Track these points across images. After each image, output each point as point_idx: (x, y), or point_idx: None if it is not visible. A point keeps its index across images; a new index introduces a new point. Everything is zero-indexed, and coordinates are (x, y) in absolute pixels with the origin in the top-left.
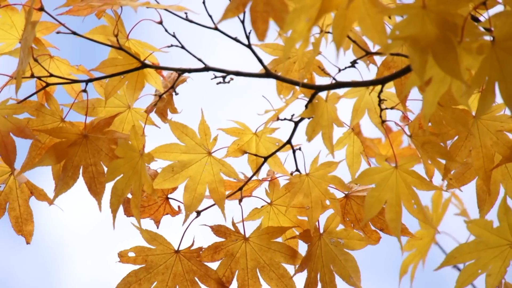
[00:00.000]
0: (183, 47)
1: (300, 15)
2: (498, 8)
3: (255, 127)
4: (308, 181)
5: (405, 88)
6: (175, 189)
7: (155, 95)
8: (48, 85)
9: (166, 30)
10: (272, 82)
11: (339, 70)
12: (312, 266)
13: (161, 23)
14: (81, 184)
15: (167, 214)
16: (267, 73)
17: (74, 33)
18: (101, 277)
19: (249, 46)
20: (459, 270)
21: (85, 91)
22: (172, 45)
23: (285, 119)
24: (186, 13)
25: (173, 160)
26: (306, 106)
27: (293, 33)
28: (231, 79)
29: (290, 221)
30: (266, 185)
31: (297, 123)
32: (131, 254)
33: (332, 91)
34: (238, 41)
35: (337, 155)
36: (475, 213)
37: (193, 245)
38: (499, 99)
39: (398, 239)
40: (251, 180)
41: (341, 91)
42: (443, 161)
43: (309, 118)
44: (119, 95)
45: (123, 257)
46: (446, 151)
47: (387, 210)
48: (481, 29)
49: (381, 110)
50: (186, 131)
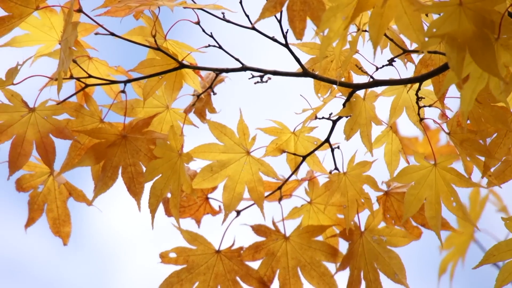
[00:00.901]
0: (220, 47)
1: (337, 13)
2: None
3: (293, 126)
4: (345, 180)
5: (443, 85)
6: (215, 188)
7: (194, 95)
8: (87, 86)
9: (204, 30)
10: (310, 81)
11: (377, 69)
12: (355, 264)
13: (198, 23)
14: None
15: (207, 213)
16: (304, 72)
17: (113, 34)
18: (154, 279)
19: (286, 45)
20: (498, 268)
21: (123, 91)
22: (209, 45)
23: (323, 118)
24: (223, 13)
25: (212, 160)
26: (344, 105)
27: (330, 32)
28: (269, 78)
29: (330, 219)
30: (306, 184)
31: (335, 122)
32: (173, 255)
33: (370, 89)
34: (276, 40)
35: (375, 153)
36: None
37: (233, 244)
38: None
39: (438, 236)
40: (290, 179)
41: (379, 89)
42: (482, 158)
43: (347, 117)
44: (157, 95)
45: (164, 257)
46: (485, 149)
47: (426, 208)
48: None
49: (419, 108)
50: (224, 131)
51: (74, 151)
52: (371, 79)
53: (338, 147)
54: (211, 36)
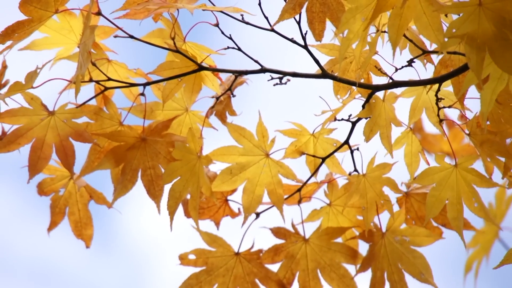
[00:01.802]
0: (239, 49)
1: (356, 14)
2: None
3: (312, 128)
4: (364, 182)
5: (462, 86)
6: (234, 191)
7: (213, 97)
8: (106, 89)
9: (223, 32)
10: (329, 82)
11: (396, 70)
12: (377, 265)
13: (217, 25)
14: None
15: (226, 215)
16: (323, 74)
17: (132, 36)
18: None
19: (305, 47)
20: None
21: (143, 94)
22: (228, 47)
23: (342, 119)
24: (242, 15)
25: (231, 162)
26: (363, 106)
27: (349, 33)
28: (288, 80)
29: (349, 221)
30: (325, 186)
31: (354, 123)
32: (192, 257)
33: (389, 90)
34: (295, 42)
35: (395, 154)
36: None
37: (253, 247)
38: None
39: (461, 237)
40: (309, 182)
41: (398, 90)
42: (503, 159)
43: (366, 118)
44: (176, 98)
45: (183, 259)
46: (505, 149)
47: (448, 209)
48: None
49: (439, 109)
50: (244, 133)
51: (94, 154)
52: (390, 80)
53: (357, 149)
54: (230, 38)
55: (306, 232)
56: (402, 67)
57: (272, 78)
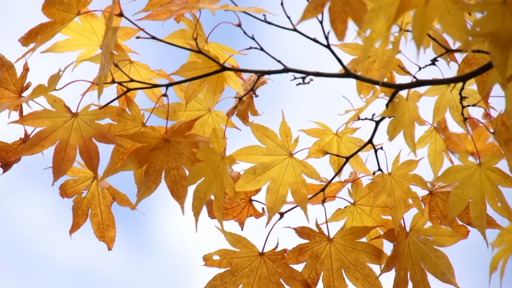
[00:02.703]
0: (262, 49)
1: (379, 14)
2: None
3: (336, 127)
4: (390, 180)
5: (486, 85)
6: (258, 191)
7: (236, 97)
8: (129, 90)
9: (245, 33)
10: (352, 82)
11: (420, 68)
12: (401, 265)
13: (239, 25)
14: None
15: (250, 216)
16: (346, 73)
17: (154, 37)
18: None
19: (328, 46)
20: None
21: (165, 95)
22: (251, 47)
23: (366, 118)
24: (264, 15)
25: (254, 162)
26: (387, 105)
27: (372, 33)
28: (311, 79)
29: (374, 220)
30: (349, 186)
31: (378, 123)
32: (216, 258)
33: (412, 89)
34: (317, 41)
35: (419, 153)
36: None
37: (277, 247)
38: None
39: (484, 236)
40: (333, 181)
41: (422, 89)
42: None
43: (390, 117)
44: (199, 98)
45: (208, 260)
46: None
47: (471, 208)
48: None
49: (463, 107)
50: (267, 133)
51: (117, 156)
52: (414, 79)
53: (381, 148)
54: (252, 38)
55: (330, 232)
56: (426, 65)
57: (295, 78)
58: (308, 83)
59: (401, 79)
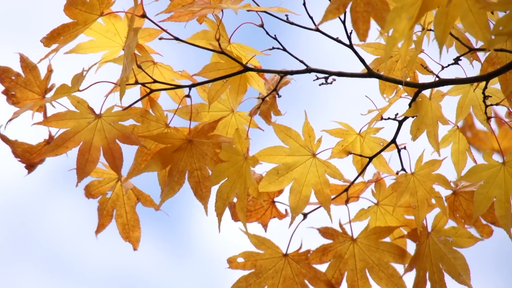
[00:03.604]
0: (284, 49)
1: (401, 13)
2: None
3: (359, 127)
4: (413, 180)
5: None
6: (281, 192)
7: (259, 98)
8: (152, 91)
9: (267, 33)
10: (375, 81)
11: (442, 68)
12: (421, 265)
13: (262, 26)
14: None
15: (274, 217)
16: (369, 73)
17: (177, 38)
18: None
19: (350, 46)
20: None
21: (188, 96)
22: (273, 48)
23: (389, 118)
24: (286, 15)
25: (277, 163)
26: (410, 105)
27: (395, 32)
28: (334, 79)
29: (397, 220)
30: (372, 186)
31: (401, 122)
32: (240, 260)
33: (435, 89)
34: (340, 41)
35: (442, 153)
36: None
37: (301, 248)
38: None
39: (509, 234)
40: (357, 181)
41: (445, 88)
42: None
43: (413, 117)
44: (222, 99)
45: (232, 263)
46: None
47: (496, 207)
48: None
49: (486, 106)
50: (290, 134)
51: (141, 157)
52: (437, 79)
53: (404, 148)
54: (275, 39)
55: (354, 232)
56: (449, 65)
57: (318, 78)
58: (331, 83)
59: (424, 78)
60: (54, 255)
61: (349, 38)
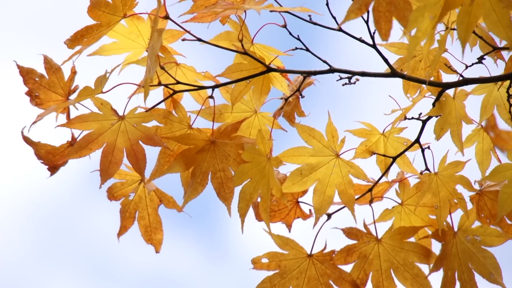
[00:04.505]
0: (307, 49)
1: (424, 13)
2: None
3: (382, 127)
4: (436, 180)
5: None
6: (305, 192)
7: (282, 98)
8: (175, 92)
9: (291, 33)
10: (398, 81)
11: (466, 67)
12: (449, 265)
13: (285, 26)
14: None
15: (298, 217)
16: (393, 73)
17: (199, 39)
18: None
19: (374, 46)
20: None
21: (211, 97)
22: (296, 48)
23: (412, 118)
24: (309, 15)
25: (301, 164)
26: (434, 104)
27: (418, 32)
28: (357, 79)
29: (422, 220)
30: (396, 186)
31: (425, 122)
32: (265, 260)
33: (459, 88)
34: (363, 41)
35: (466, 152)
36: None
37: (325, 248)
38: None
39: None
40: (380, 181)
41: (468, 88)
42: None
43: (437, 116)
44: (245, 100)
45: (256, 263)
46: None
47: None
48: None
49: (510, 105)
50: (313, 134)
51: (164, 158)
52: (460, 78)
53: (428, 147)
54: (298, 39)
55: (378, 232)
56: (472, 64)
57: (341, 78)
58: (354, 83)
59: (447, 77)
60: (94, 259)
61: (372, 38)
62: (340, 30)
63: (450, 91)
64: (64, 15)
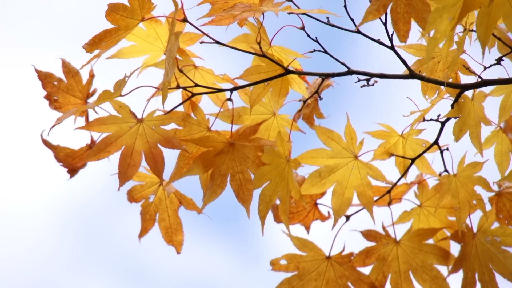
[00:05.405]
0: (326, 51)
1: (443, 14)
2: None
3: (401, 129)
4: (455, 182)
5: None
6: (323, 194)
7: (301, 101)
8: (193, 95)
9: (309, 35)
10: (417, 83)
11: (485, 68)
12: (469, 266)
13: (303, 28)
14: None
15: (316, 219)
16: (411, 74)
17: (218, 42)
18: None
19: (392, 47)
20: None
21: (230, 99)
22: (314, 50)
23: (431, 119)
24: (327, 17)
25: (320, 165)
26: (452, 106)
27: (436, 33)
28: (375, 81)
29: (441, 222)
30: (415, 187)
31: (443, 123)
32: (283, 262)
33: (478, 89)
34: (381, 43)
35: (485, 154)
36: None
37: (344, 250)
38: None
39: None
40: (399, 183)
41: (487, 89)
42: None
43: (455, 118)
44: (264, 102)
45: (275, 265)
46: None
47: None
48: None
49: None
50: (332, 136)
51: (183, 160)
52: (479, 79)
53: (447, 149)
54: (316, 41)
55: (397, 234)
56: (491, 65)
57: (359, 80)
58: (373, 85)
59: (466, 79)
60: (126, 262)
61: (391, 39)
62: (358, 32)
63: (469, 93)
64: (82, 19)
